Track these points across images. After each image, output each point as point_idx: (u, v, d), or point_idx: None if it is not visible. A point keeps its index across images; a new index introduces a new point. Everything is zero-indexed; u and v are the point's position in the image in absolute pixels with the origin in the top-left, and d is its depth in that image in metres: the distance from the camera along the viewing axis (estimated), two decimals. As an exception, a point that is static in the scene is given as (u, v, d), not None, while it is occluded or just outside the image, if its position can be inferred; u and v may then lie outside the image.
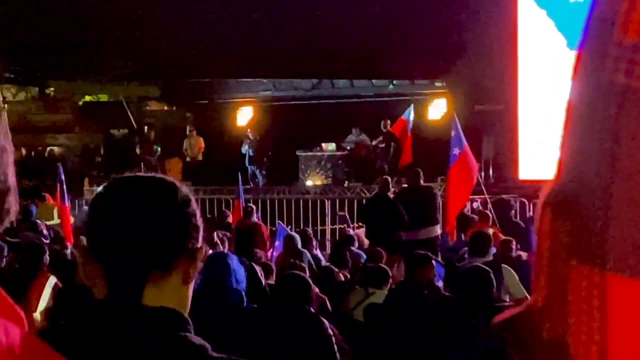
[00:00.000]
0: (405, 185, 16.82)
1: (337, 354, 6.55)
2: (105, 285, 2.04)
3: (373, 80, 25.65)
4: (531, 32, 21.33)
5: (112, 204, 2.07)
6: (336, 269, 11.09)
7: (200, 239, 2.12)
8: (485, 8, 20.83)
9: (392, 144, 23.03)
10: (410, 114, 22.35)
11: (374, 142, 24.04)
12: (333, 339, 6.47)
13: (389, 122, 23.71)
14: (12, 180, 1.17)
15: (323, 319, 6.55)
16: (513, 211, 17.48)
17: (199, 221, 2.12)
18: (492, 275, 6.68)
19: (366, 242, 15.35)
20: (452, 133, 15.51)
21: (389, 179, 16.60)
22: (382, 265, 9.86)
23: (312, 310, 6.59)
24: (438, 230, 15.25)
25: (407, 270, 8.73)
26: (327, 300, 9.24)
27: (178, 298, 2.07)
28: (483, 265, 6.97)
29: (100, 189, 2.20)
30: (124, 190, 2.10)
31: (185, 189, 2.15)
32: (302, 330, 6.29)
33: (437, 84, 24.60)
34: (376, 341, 7.86)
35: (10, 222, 1.11)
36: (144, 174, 2.18)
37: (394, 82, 25.59)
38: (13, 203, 1.18)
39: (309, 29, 22.48)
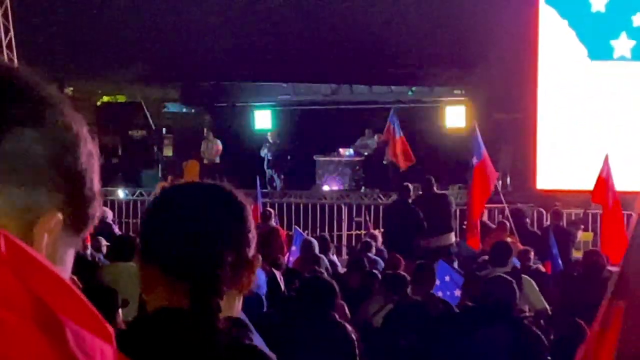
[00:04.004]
0: (420, 193, 16.79)
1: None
2: (165, 292, 2.04)
3: (392, 87, 25.64)
4: (552, 41, 21.30)
5: (175, 212, 2.07)
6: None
7: (255, 246, 2.14)
8: (506, 17, 20.80)
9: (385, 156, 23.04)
10: (393, 118, 22.32)
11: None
12: (356, 344, 6.47)
13: (376, 136, 23.86)
14: (97, 186, 1.19)
15: (347, 325, 6.55)
16: (529, 220, 17.46)
17: (254, 229, 2.14)
18: (515, 286, 6.68)
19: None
20: (473, 142, 15.52)
21: (410, 185, 16.58)
22: (401, 272, 9.87)
23: (337, 316, 6.59)
24: (452, 238, 15.23)
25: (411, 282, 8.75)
26: (345, 306, 9.25)
27: (236, 306, 2.09)
28: (506, 276, 6.96)
29: (156, 195, 2.21)
30: (187, 199, 2.11)
31: (242, 196, 2.16)
32: (327, 336, 6.29)
33: (456, 91, 24.56)
34: (393, 348, 7.87)
35: None
36: (202, 182, 2.19)
37: (413, 88, 25.57)
38: (97, 208, 1.19)
39: (329, 35, 22.50)
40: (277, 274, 10.29)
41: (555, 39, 21.26)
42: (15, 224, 1.09)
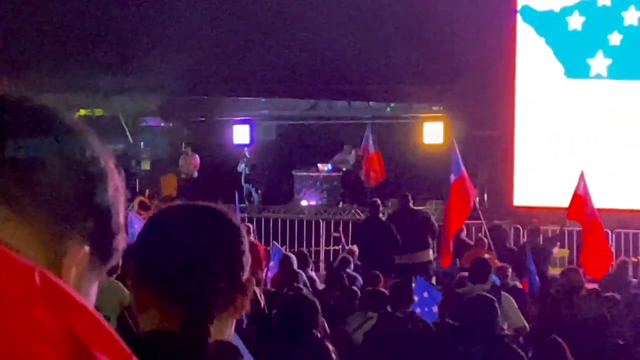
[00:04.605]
0: (397, 208, 16.81)
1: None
2: (158, 313, 2.06)
3: (371, 103, 25.70)
4: (529, 59, 21.43)
5: (171, 233, 2.09)
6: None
7: (248, 268, 2.15)
8: (484, 34, 20.92)
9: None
10: (369, 133, 22.48)
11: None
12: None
13: (354, 151, 23.97)
14: (122, 219, 1.21)
15: (328, 343, 6.57)
16: (507, 238, 17.54)
17: (248, 251, 2.15)
18: (496, 304, 6.72)
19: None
20: (452, 158, 15.57)
21: (378, 201, 16.63)
22: (380, 289, 9.90)
23: (318, 334, 6.60)
24: (430, 254, 15.25)
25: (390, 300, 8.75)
26: (325, 323, 9.26)
27: (228, 329, 2.10)
28: (487, 294, 7.00)
29: (153, 215, 2.21)
30: (184, 220, 2.12)
31: (236, 218, 2.17)
32: (308, 354, 6.30)
33: (435, 107, 24.65)
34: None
35: None
36: (197, 203, 2.19)
37: (392, 104, 25.64)
38: (122, 242, 1.21)
39: (307, 51, 22.53)
40: (257, 290, 10.29)
41: (532, 56, 21.39)
42: (44, 256, 1.11)
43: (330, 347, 6.66)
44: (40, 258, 1.10)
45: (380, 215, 16.38)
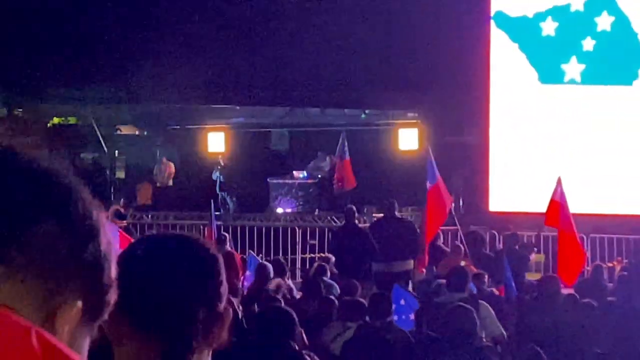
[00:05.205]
0: (381, 215, 16.77)
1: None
2: (135, 347, 2.02)
3: (345, 110, 25.71)
4: (503, 65, 21.49)
5: (147, 266, 2.06)
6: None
7: (226, 299, 2.12)
8: (458, 40, 20.97)
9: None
10: (342, 140, 22.56)
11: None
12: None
13: (329, 158, 24.01)
14: (114, 273, 1.20)
15: (306, 354, 6.54)
16: (484, 243, 17.55)
17: (225, 282, 2.12)
18: (475, 315, 6.71)
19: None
20: (427, 166, 15.59)
21: (354, 208, 16.58)
22: (359, 299, 9.88)
23: (296, 346, 6.58)
24: (412, 264, 15.21)
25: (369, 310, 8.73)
26: (302, 332, 9.23)
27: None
28: (466, 305, 6.99)
29: (128, 246, 2.18)
30: (160, 252, 2.09)
31: (214, 248, 2.15)
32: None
33: (409, 114, 24.69)
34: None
35: None
36: (173, 233, 2.17)
37: (366, 111, 25.67)
38: (114, 295, 1.21)
39: (281, 58, 22.52)
40: (235, 301, 10.25)
41: (506, 62, 21.45)
42: (38, 313, 1.11)
43: (309, 359, 6.63)
44: (34, 315, 1.10)
45: (356, 221, 16.34)
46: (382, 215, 16.70)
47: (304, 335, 9.09)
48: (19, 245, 1.10)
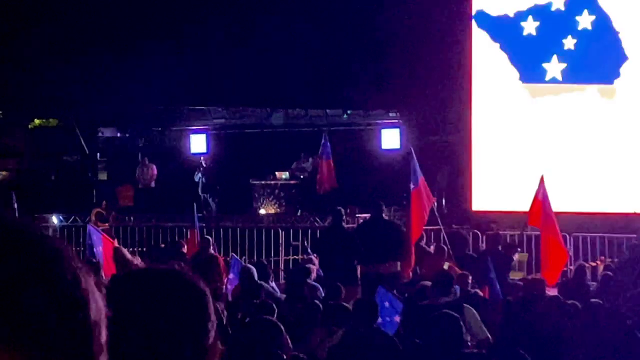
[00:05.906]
0: (367, 216, 16.70)
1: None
2: None
3: (327, 110, 25.70)
4: (485, 64, 21.51)
5: (133, 302, 2.03)
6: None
7: (214, 333, 2.09)
8: (440, 40, 20.99)
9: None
10: (324, 141, 22.59)
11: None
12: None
13: (311, 159, 24.02)
14: (104, 338, 1.17)
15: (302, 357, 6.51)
16: (467, 244, 17.56)
17: (214, 315, 2.09)
18: (461, 322, 6.71)
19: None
20: (410, 167, 15.57)
21: (342, 209, 16.53)
22: (344, 304, 9.85)
23: (285, 355, 6.55)
24: (399, 266, 15.15)
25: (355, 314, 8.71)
26: (287, 337, 9.19)
27: None
28: (452, 312, 6.99)
29: (113, 282, 2.15)
30: (147, 288, 2.06)
31: (201, 282, 2.11)
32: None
33: (391, 114, 24.70)
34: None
35: None
36: (161, 269, 2.13)
37: (348, 111, 25.66)
38: None
39: (263, 58, 22.49)
40: (219, 306, 10.21)
41: (488, 62, 21.46)
42: None
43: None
44: None
45: (344, 223, 16.30)
46: (367, 215, 16.63)
47: (289, 341, 9.06)
48: (3, 314, 1.08)
